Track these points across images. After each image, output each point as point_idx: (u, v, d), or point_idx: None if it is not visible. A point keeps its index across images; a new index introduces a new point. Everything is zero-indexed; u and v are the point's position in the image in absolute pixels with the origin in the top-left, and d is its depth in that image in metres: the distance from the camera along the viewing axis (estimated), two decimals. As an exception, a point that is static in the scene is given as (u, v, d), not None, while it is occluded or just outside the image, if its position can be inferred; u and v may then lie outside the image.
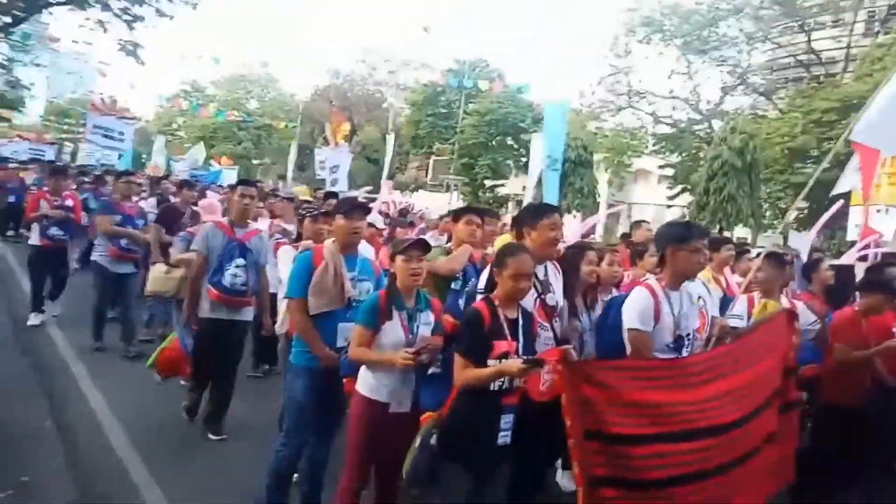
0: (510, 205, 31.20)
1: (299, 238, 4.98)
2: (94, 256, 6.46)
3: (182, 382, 5.03)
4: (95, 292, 6.43)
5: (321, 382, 3.35)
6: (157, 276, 5.73)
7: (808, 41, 25.78)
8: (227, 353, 4.50)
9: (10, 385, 4.97)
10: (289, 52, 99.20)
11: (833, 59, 25.01)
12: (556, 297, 3.38)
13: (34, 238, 7.28)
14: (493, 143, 32.15)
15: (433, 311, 3.25)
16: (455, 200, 26.44)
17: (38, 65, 31.09)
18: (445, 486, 2.88)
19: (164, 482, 3.72)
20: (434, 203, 21.30)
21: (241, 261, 4.34)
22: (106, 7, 14.50)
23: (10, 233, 13.73)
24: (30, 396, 4.79)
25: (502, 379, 2.80)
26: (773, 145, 19.97)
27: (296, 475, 3.57)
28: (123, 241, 6.34)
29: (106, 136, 18.48)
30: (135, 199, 7.16)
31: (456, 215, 4.30)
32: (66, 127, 47.95)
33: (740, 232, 21.78)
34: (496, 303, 2.92)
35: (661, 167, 27.94)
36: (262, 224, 5.78)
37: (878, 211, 11.04)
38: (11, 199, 13.02)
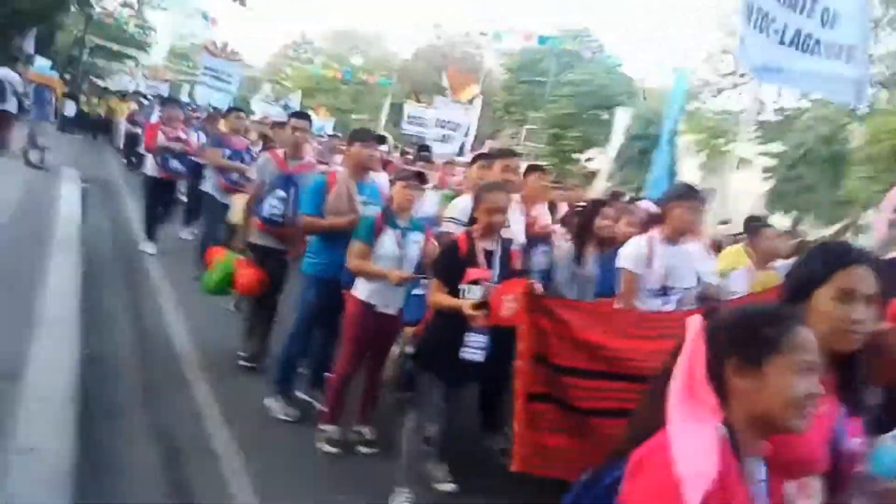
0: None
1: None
2: (205, 188, 6.74)
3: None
4: (205, 221, 6.85)
5: (326, 289, 3.92)
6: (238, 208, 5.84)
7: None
8: (271, 281, 4.61)
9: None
10: (396, 10, 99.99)
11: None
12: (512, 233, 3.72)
13: (150, 169, 7.58)
14: (586, 115, 31.63)
15: (423, 233, 3.74)
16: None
17: (164, 9, 33.38)
18: (420, 391, 3.34)
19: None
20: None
21: (281, 192, 4.46)
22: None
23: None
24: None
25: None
26: (880, 141, 18.64)
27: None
28: (234, 175, 6.49)
29: (216, 78, 19.85)
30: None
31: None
32: (185, 68, 51.33)
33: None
34: (474, 235, 3.34)
35: (760, 154, 26.53)
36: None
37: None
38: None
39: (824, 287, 1.56)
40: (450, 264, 3.28)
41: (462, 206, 3.86)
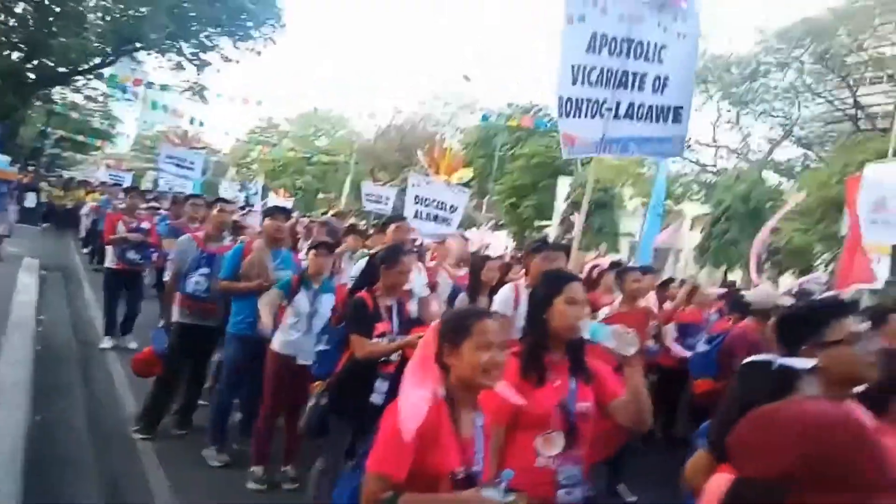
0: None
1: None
2: (167, 278, 6.34)
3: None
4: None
5: (246, 345, 4.48)
6: None
7: (854, 96, 25.77)
8: (197, 357, 4.95)
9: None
10: (358, 95, 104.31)
11: (877, 114, 24.86)
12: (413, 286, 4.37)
13: (109, 261, 7.42)
14: (541, 184, 33.22)
15: (333, 294, 4.39)
16: (505, 239, 27.51)
17: (129, 100, 34.46)
18: (332, 436, 3.73)
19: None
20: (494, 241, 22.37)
21: (205, 269, 4.76)
22: (180, 52, 16.55)
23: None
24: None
25: None
26: (810, 195, 20.20)
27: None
28: None
29: (178, 166, 20.61)
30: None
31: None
32: (151, 156, 52.42)
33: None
34: (377, 293, 3.95)
35: (702, 215, 28.17)
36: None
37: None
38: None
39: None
40: (363, 320, 3.74)
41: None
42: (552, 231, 25.70)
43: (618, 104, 4.20)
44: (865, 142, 22.23)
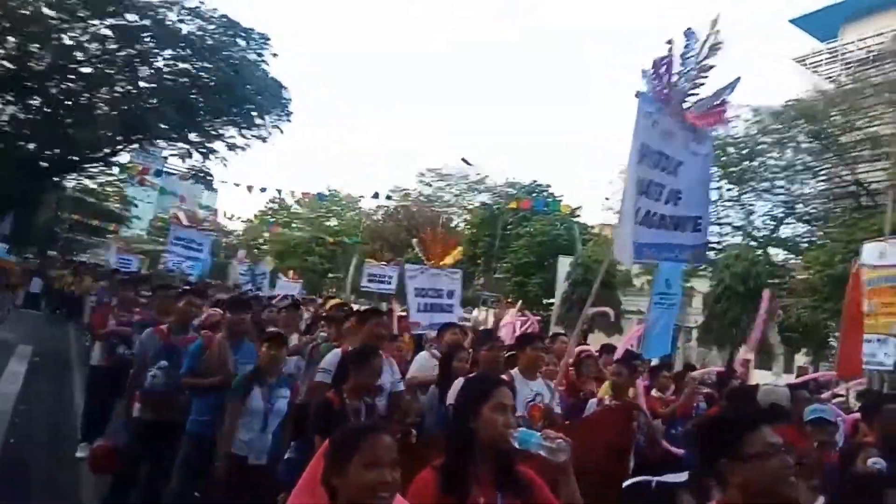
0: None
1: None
2: None
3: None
4: None
5: (204, 445, 4.35)
6: None
7: (853, 173, 25.99)
8: (158, 455, 4.61)
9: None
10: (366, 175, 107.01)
11: (877, 190, 24.96)
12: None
13: (95, 358, 6.88)
14: (546, 263, 33.35)
15: (290, 389, 4.29)
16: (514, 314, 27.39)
17: (143, 185, 35.53)
18: None
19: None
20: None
21: (163, 363, 4.60)
22: (186, 140, 17.17)
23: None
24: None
25: None
26: (811, 273, 20.06)
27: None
28: None
29: (186, 247, 20.91)
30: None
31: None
32: (165, 239, 53.51)
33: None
34: (345, 393, 3.85)
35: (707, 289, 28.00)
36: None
37: (878, 341, 10.99)
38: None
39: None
40: (327, 421, 3.62)
41: (331, 359, 4.40)
42: (555, 310, 25.57)
43: (637, 210, 4.14)
44: (868, 218, 22.22)
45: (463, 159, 35.01)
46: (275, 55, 20.02)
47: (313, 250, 47.85)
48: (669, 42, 3.90)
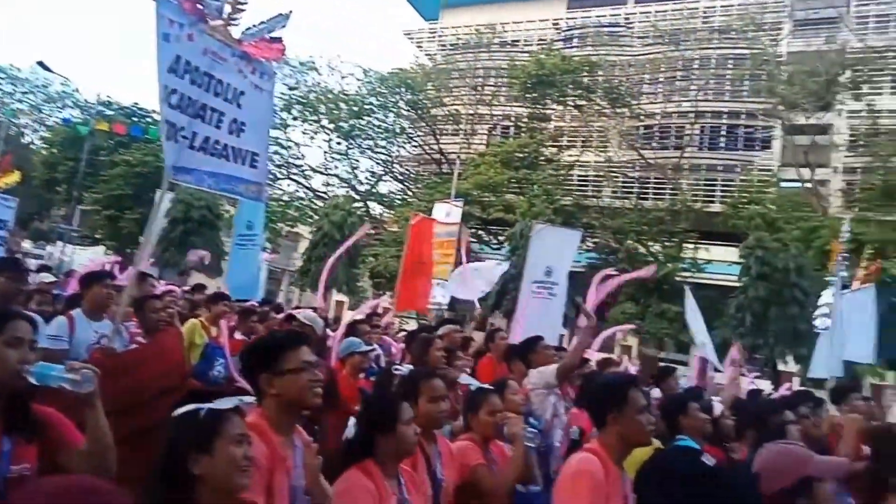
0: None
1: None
2: None
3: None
4: None
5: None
6: None
7: (437, 143, 30.35)
8: None
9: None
10: None
11: (454, 160, 29.77)
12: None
13: None
14: (146, 196, 30.04)
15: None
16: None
17: None
18: None
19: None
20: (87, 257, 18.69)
21: None
22: None
23: None
24: None
25: None
26: (399, 227, 22.89)
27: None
28: None
29: None
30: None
31: None
32: None
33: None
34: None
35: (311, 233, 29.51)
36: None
37: (437, 284, 12.93)
38: None
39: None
40: None
41: None
42: (144, 246, 23.29)
43: (194, 134, 4.01)
44: (444, 183, 26.24)
45: (39, 63, 28.46)
46: None
47: None
48: None
